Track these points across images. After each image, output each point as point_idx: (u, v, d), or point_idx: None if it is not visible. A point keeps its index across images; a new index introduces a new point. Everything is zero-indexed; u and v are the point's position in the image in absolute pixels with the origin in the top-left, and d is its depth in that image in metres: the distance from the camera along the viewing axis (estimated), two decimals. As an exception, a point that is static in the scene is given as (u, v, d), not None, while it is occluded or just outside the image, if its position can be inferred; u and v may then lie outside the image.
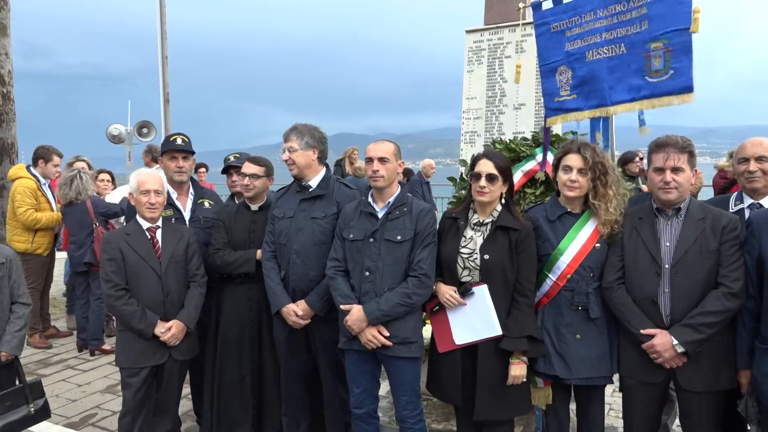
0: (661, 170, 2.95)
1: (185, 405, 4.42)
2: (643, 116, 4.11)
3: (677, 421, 3.31)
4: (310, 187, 3.60)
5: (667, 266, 2.91)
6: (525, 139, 4.77)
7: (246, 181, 3.77)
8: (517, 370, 3.02)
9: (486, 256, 3.07)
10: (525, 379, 3.06)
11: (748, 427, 3.30)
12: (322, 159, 3.68)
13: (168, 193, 3.77)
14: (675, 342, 2.82)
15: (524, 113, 5.61)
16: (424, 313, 3.45)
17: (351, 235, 3.27)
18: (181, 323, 3.52)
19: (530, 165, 4.44)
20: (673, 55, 3.41)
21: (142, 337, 3.44)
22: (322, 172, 3.65)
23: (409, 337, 3.17)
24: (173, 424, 3.71)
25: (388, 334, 3.14)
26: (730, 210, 3.19)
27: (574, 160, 3.08)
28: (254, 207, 3.87)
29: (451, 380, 3.15)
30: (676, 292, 2.87)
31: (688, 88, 3.38)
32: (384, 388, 3.75)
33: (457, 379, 3.13)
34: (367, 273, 3.20)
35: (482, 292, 3.08)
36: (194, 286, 3.65)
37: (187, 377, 4.01)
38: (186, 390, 4.17)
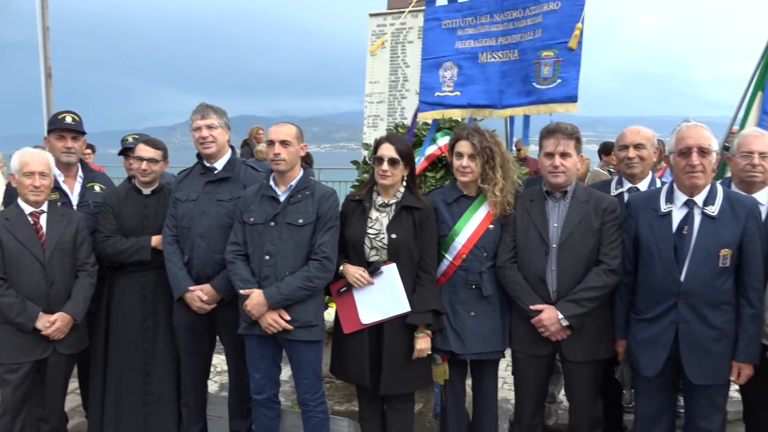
0: (551, 155, 3.12)
1: (74, 400, 4.18)
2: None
3: (563, 391, 3.57)
4: (215, 169, 3.50)
5: (554, 245, 3.10)
6: (426, 124, 4.87)
7: (144, 165, 3.58)
8: (423, 343, 3.14)
9: (393, 236, 3.14)
10: (430, 352, 3.18)
11: (624, 392, 3.62)
12: (228, 141, 3.62)
13: (54, 175, 3.52)
14: (560, 316, 3.01)
15: (426, 98, 5.72)
16: (327, 297, 3.47)
17: (251, 219, 3.22)
18: (68, 315, 3.30)
19: (431, 149, 4.55)
20: (562, 65, 3.62)
21: (21, 330, 3.20)
22: (228, 154, 3.57)
23: (310, 320, 3.18)
24: (59, 421, 3.50)
25: (289, 318, 3.12)
26: (612, 193, 3.45)
27: (464, 146, 3.19)
28: (146, 191, 3.68)
29: (358, 360, 3.20)
30: (561, 269, 3.07)
31: (573, 98, 3.61)
32: (286, 372, 3.74)
33: (365, 358, 3.18)
34: (268, 257, 3.16)
35: (391, 270, 3.15)
36: (83, 276, 3.44)
37: (76, 371, 3.79)
38: (74, 385, 3.94)
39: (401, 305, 3.14)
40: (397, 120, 5.81)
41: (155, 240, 3.55)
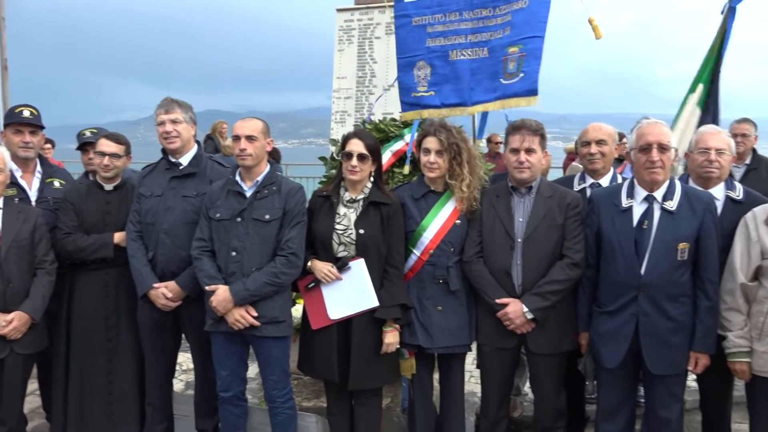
0: (516, 151, 3.16)
1: (34, 402, 4.08)
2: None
3: (528, 383, 3.63)
4: (181, 164, 3.45)
5: (519, 240, 3.15)
6: (394, 119, 4.88)
7: (106, 160, 3.50)
8: (391, 337, 3.16)
9: (361, 231, 3.15)
10: (398, 346, 3.20)
11: (587, 383, 3.70)
12: (194, 136, 3.57)
13: (11, 171, 3.41)
14: (525, 309, 3.07)
15: (394, 94, 5.73)
16: (294, 293, 3.46)
17: (217, 215, 3.19)
18: (25, 314, 3.21)
19: (399, 145, 4.57)
20: (525, 60, 3.65)
21: None
22: (194, 149, 3.52)
23: (277, 316, 3.16)
24: (17, 422, 3.40)
25: (256, 314, 3.11)
26: (575, 189, 3.51)
27: (431, 142, 3.22)
28: (108, 187, 3.60)
29: (326, 356, 3.19)
30: (526, 263, 3.13)
31: (534, 91, 3.64)
32: (253, 369, 3.71)
33: (333, 354, 3.18)
34: (234, 253, 3.14)
35: (359, 265, 3.16)
36: (41, 274, 3.34)
37: (36, 372, 3.69)
38: (34, 386, 3.84)
39: (369, 300, 3.15)
40: (364, 116, 5.80)
41: (118, 237, 3.48)
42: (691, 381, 3.27)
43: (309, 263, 3.21)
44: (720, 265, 2.95)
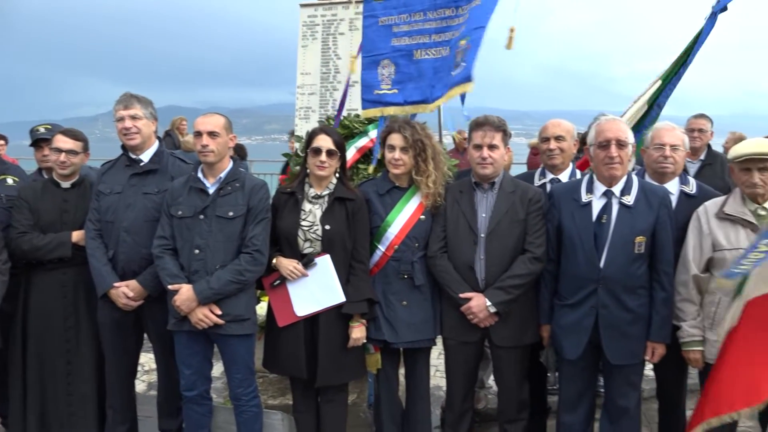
0: (479, 147, 3.20)
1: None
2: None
3: (492, 376, 3.68)
4: (141, 161, 3.38)
5: (482, 235, 3.19)
6: (358, 116, 4.88)
7: (62, 157, 3.40)
8: (358, 332, 3.17)
9: (327, 227, 3.15)
10: (365, 341, 3.22)
11: (548, 374, 3.78)
12: (155, 132, 3.51)
13: None
14: (488, 303, 3.11)
15: (358, 90, 5.73)
16: (259, 291, 3.43)
17: (179, 212, 3.14)
18: None
19: (363, 141, 4.57)
20: (468, 51, 3.71)
21: None
22: (155, 145, 3.46)
23: (242, 314, 3.14)
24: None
25: (220, 312, 3.08)
26: (535, 184, 3.57)
27: (396, 139, 3.24)
28: (65, 184, 3.50)
29: (293, 353, 3.19)
30: (489, 258, 3.17)
31: (468, 78, 3.68)
32: (218, 368, 3.67)
33: (300, 350, 3.17)
34: (197, 251, 3.10)
35: (325, 262, 3.16)
36: None
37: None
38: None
39: (336, 296, 3.15)
40: (329, 112, 5.79)
41: (76, 235, 3.40)
42: (648, 370, 3.37)
43: (274, 260, 3.20)
44: (675, 257, 3.04)
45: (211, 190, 3.16)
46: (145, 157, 3.40)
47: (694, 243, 2.98)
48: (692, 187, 3.25)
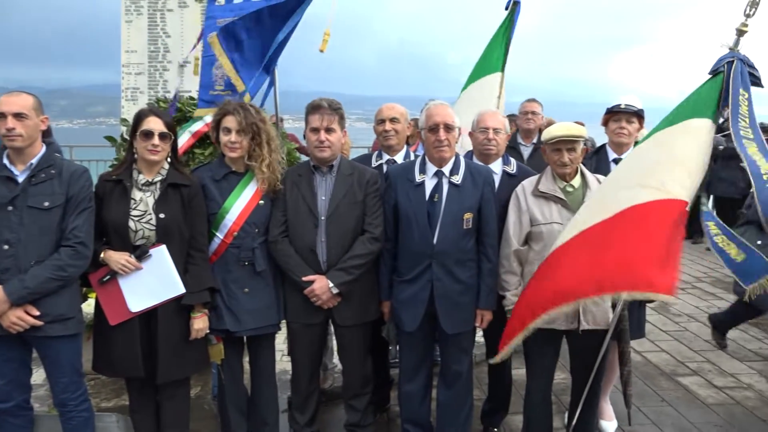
0: (316, 130, 3.22)
1: None
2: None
3: (335, 357, 3.77)
4: None
5: (323, 218, 3.23)
6: (192, 98, 4.65)
7: None
8: (200, 323, 3.06)
9: (161, 215, 2.98)
10: (208, 331, 3.12)
11: (390, 348, 3.95)
12: None
13: None
14: (331, 285, 3.17)
15: (190, 71, 5.44)
16: (85, 288, 3.16)
17: (-19, 204, 2.77)
18: None
19: (198, 125, 4.37)
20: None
21: None
22: None
23: (64, 313, 2.87)
24: None
25: (38, 313, 2.79)
26: (372, 166, 3.69)
27: (230, 121, 3.14)
28: None
29: (129, 352, 2.99)
30: (330, 240, 3.22)
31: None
32: (40, 375, 3.33)
33: (136, 348, 2.99)
34: (7, 246, 2.77)
35: (161, 252, 2.99)
36: None
37: None
38: None
39: (175, 287, 3.01)
40: (159, 94, 5.44)
41: None
42: (479, 337, 3.66)
43: (102, 255, 2.96)
44: (499, 231, 3.32)
45: (20, 179, 2.83)
46: None
47: (514, 219, 3.25)
48: (513, 167, 3.57)
